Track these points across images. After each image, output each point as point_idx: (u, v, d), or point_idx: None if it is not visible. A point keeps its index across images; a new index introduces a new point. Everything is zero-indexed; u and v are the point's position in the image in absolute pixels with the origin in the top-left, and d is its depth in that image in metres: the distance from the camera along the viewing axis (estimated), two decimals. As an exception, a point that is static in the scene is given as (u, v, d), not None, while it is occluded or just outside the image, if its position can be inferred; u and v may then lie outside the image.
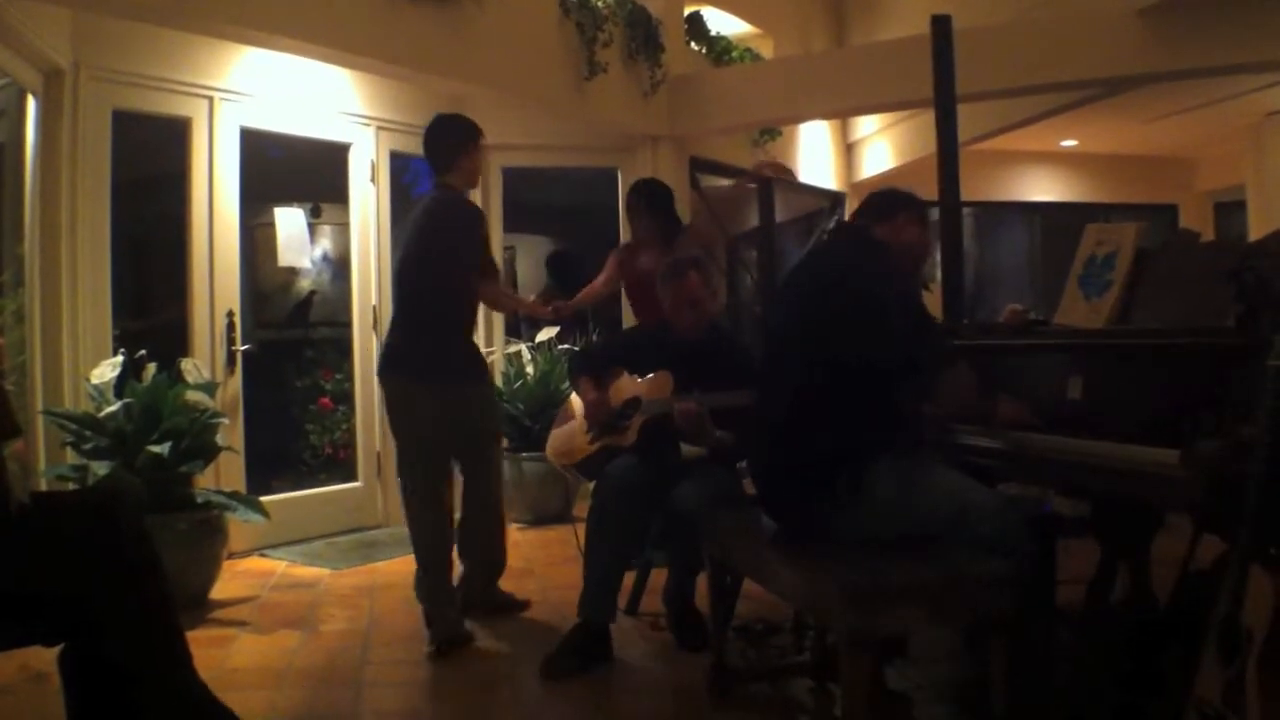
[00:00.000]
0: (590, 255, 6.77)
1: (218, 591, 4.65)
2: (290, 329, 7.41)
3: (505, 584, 4.51)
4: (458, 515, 4.30)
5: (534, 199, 9.40)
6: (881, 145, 9.66)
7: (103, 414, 4.42)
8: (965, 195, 4.19)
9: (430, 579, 4.06)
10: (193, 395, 4.64)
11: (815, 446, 2.84)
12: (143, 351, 4.74)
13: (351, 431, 6.55)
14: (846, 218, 3.33)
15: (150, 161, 5.97)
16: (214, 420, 4.68)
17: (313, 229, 7.03)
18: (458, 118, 4.42)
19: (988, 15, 6.67)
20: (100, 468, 4.26)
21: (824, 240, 3.49)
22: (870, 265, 2.97)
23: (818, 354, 2.89)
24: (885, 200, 3.20)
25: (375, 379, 6.26)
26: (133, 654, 2.27)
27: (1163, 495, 2.47)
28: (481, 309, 4.58)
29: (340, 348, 6.83)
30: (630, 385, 4.10)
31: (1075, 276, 3.16)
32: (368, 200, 6.43)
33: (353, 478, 6.44)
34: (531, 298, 5.46)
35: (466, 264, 4.20)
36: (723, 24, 8.69)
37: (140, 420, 4.45)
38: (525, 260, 10.98)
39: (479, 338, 6.98)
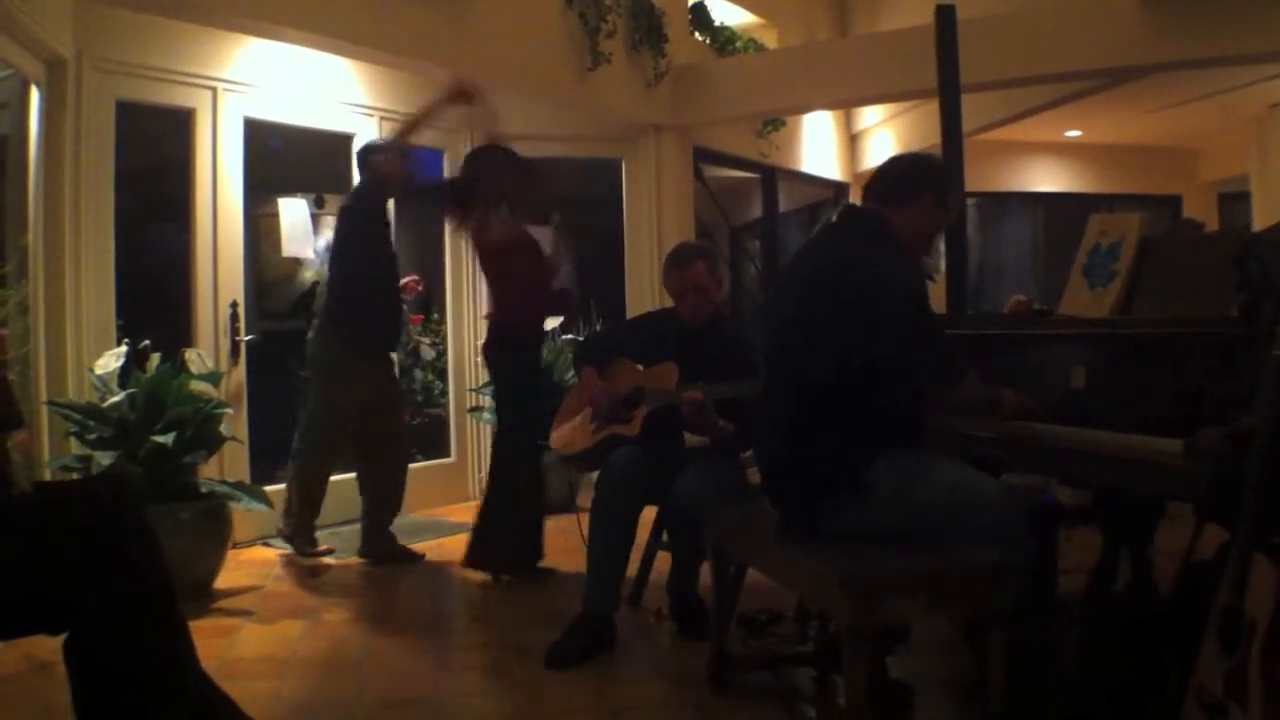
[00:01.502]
0: (592, 244, 6.79)
1: (222, 581, 4.66)
2: (294, 319, 7.40)
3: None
4: None
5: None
6: (885, 136, 9.65)
7: (106, 404, 4.43)
8: (969, 185, 4.19)
9: None
10: (196, 385, 4.65)
11: (818, 439, 2.83)
12: (146, 342, 4.74)
13: (354, 422, 6.53)
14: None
15: (154, 152, 5.97)
16: (218, 410, 4.68)
17: (316, 219, 7.01)
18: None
19: (992, 5, 6.65)
20: (104, 458, 4.26)
21: (831, 225, 3.31)
22: (881, 262, 2.83)
23: (821, 349, 2.85)
24: (906, 178, 2.98)
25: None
26: (134, 643, 2.27)
27: (1165, 485, 2.46)
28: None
29: (343, 338, 6.81)
30: (634, 375, 4.10)
31: (1079, 266, 3.15)
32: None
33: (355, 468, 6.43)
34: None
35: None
36: (726, 14, 8.68)
37: (144, 410, 4.45)
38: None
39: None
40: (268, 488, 4.94)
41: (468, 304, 7.04)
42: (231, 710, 2.59)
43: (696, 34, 8.09)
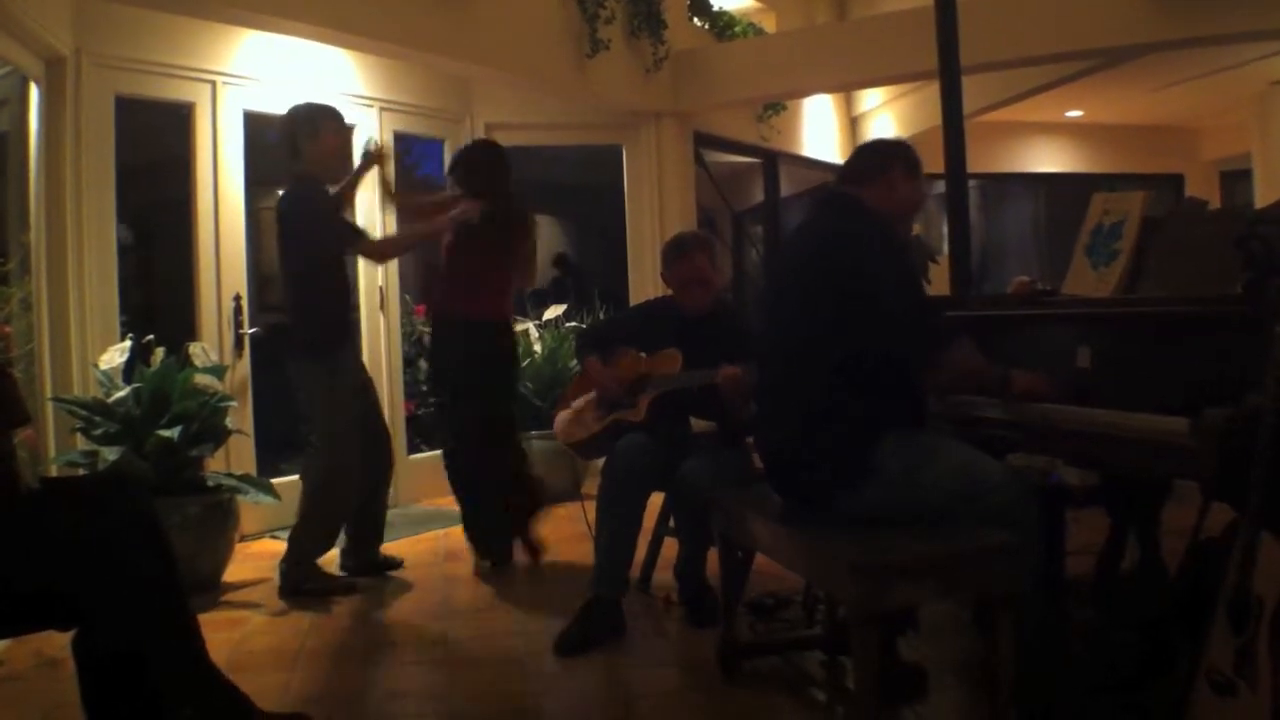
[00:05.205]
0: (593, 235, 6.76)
1: (230, 574, 4.67)
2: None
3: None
4: None
5: (538, 178, 9.39)
6: (886, 118, 9.63)
7: (112, 399, 4.43)
8: (971, 167, 4.17)
9: None
10: (201, 379, 4.65)
11: (825, 423, 2.83)
12: (150, 336, 4.74)
13: (360, 413, 6.53)
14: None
15: (154, 147, 5.96)
16: (223, 403, 4.69)
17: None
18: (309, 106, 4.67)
19: (991, -15, 6.63)
20: (110, 453, 4.27)
21: (812, 210, 3.38)
22: (859, 233, 2.90)
23: (819, 331, 2.86)
24: (870, 159, 3.10)
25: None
26: (144, 637, 2.28)
27: (1172, 464, 2.46)
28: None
29: (347, 330, 6.81)
30: (638, 362, 4.10)
31: (1082, 246, 3.14)
32: (372, 181, 6.40)
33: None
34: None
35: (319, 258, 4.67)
36: (725, -1, 8.67)
37: (149, 405, 4.46)
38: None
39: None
40: (274, 480, 4.95)
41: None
42: (241, 702, 2.61)
43: (695, 19, 8.06)
